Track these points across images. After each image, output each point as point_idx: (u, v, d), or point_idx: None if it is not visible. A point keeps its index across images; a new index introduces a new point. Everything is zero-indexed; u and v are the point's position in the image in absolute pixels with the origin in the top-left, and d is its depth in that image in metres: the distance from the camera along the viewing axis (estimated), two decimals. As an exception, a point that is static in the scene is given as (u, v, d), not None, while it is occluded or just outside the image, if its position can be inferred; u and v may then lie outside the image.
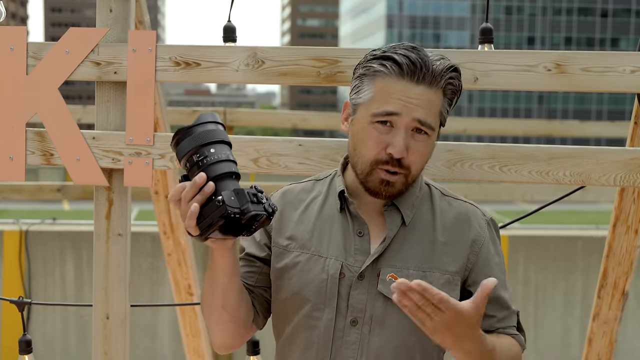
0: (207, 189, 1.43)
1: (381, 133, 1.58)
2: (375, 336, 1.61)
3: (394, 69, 1.57)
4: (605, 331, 2.69)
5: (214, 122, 1.50)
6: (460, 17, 72.37)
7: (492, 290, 1.66)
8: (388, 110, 1.57)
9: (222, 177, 1.45)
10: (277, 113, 7.03)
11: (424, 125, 1.58)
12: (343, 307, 1.62)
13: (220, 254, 1.55)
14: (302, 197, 1.73)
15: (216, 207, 1.41)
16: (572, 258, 5.74)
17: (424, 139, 1.60)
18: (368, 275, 1.62)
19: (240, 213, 1.41)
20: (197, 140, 1.47)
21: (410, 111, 1.56)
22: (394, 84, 1.57)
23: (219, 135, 1.49)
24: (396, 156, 1.56)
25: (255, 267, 1.72)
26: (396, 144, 1.56)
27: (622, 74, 1.98)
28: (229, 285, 1.59)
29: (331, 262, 1.63)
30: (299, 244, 1.67)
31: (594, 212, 14.00)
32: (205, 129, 1.48)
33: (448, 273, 1.64)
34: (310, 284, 1.63)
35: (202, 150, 1.46)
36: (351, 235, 1.65)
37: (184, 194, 1.45)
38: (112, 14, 2.13)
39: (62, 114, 2.12)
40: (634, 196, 2.44)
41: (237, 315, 1.64)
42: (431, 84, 1.58)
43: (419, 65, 1.56)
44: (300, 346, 1.65)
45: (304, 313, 1.64)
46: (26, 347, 2.33)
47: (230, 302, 1.61)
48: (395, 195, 1.62)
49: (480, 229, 1.69)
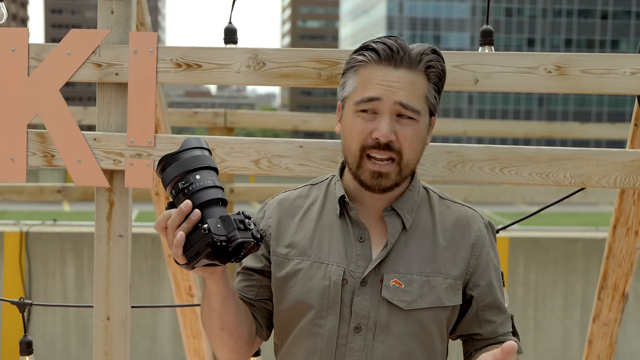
0: (193, 217, 1.42)
1: (366, 120, 1.57)
2: (380, 342, 1.60)
3: (372, 56, 1.58)
4: (606, 333, 2.69)
5: (200, 147, 1.48)
6: (461, 19, 72.38)
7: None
8: (370, 96, 1.56)
9: (208, 204, 1.43)
10: (278, 114, 7.03)
11: (407, 108, 1.56)
12: (346, 313, 1.60)
13: (211, 281, 1.54)
14: (299, 203, 1.72)
15: (202, 235, 1.40)
16: (572, 260, 5.74)
17: (410, 123, 1.58)
18: (371, 281, 1.61)
19: (227, 241, 1.40)
20: (183, 167, 1.45)
21: (391, 95, 1.56)
22: (375, 71, 1.58)
23: (205, 161, 1.47)
24: (382, 140, 1.55)
25: (254, 280, 1.71)
26: (381, 128, 1.55)
27: (623, 76, 1.98)
28: (225, 309, 1.59)
29: (333, 268, 1.62)
30: (299, 251, 1.66)
31: (594, 214, 14.00)
32: (191, 155, 1.46)
33: (450, 277, 1.63)
34: (313, 291, 1.62)
35: (188, 177, 1.44)
36: (352, 240, 1.63)
37: (170, 221, 1.44)
38: (113, 16, 2.14)
39: (64, 115, 2.12)
40: (634, 198, 2.44)
41: (237, 334, 1.63)
42: (411, 67, 1.57)
43: (395, 49, 1.57)
44: (303, 354, 1.63)
45: (307, 320, 1.62)
46: (27, 348, 2.33)
47: (228, 324, 1.61)
48: (390, 187, 1.60)
49: (480, 232, 1.68)
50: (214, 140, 2.13)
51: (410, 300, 1.59)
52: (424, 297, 1.60)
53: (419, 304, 1.60)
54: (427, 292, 1.60)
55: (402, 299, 1.59)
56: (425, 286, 1.60)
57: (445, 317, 1.63)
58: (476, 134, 6.69)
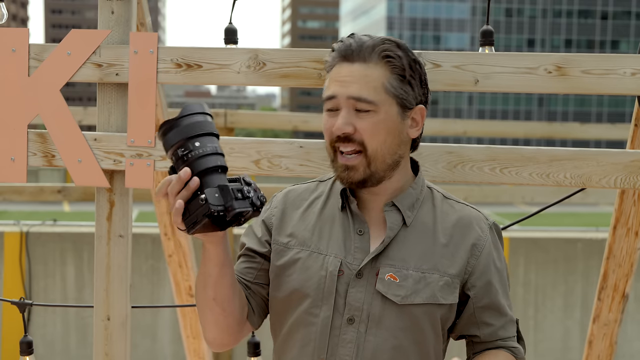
0: (192, 185, 1.43)
1: (330, 117, 1.63)
2: (372, 335, 1.61)
3: (334, 56, 1.64)
4: (606, 333, 2.69)
5: (201, 112, 1.47)
6: (461, 19, 72.40)
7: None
8: (327, 94, 1.63)
9: (207, 172, 1.43)
10: (278, 115, 7.03)
11: (361, 100, 1.59)
12: (341, 304, 1.62)
13: (211, 245, 1.55)
14: (305, 196, 1.74)
15: (200, 205, 1.40)
16: (572, 260, 5.74)
17: (368, 115, 1.60)
18: (367, 273, 1.62)
19: (224, 210, 1.40)
20: (183, 134, 1.44)
21: (344, 91, 1.60)
22: (335, 70, 1.63)
23: (206, 127, 1.45)
24: (335, 132, 1.60)
25: (255, 262, 1.72)
26: (336, 122, 1.61)
27: (623, 76, 1.98)
28: (221, 277, 1.59)
29: (330, 259, 1.64)
30: (299, 241, 1.68)
31: (594, 215, 14.00)
32: (192, 121, 1.44)
33: (447, 275, 1.63)
34: (310, 280, 1.64)
35: (187, 144, 1.43)
36: (351, 233, 1.65)
37: (169, 188, 1.46)
38: (113, 16, 2.14)
39: (64, 116, 2.12)
40: (634, 198, 2.44)
41: (229, 309, 1.63)
42: (366, 60, 1.60)
43: (350, 44, 1.62)
44: (298, 343, 1.65)
45: (303, 309, 1.64)
46: (27, 349, 2.34)
47: (222, 294, 1.61)
48: (361, 181, 1.62)
49: (482, 233, 1.68)
50: (214, 140, 2.13)
51: (404, 295, 1.60)
52: (418, 293, 1.61)
53: (412, 299, 1.60)
54: (422, 288, 1.61)
55: (396, 293, 1.60)
56: (421, 282, 1.61)
57: (440, 314, 1.63)
58: (476, 134, 6.69)
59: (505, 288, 1.70)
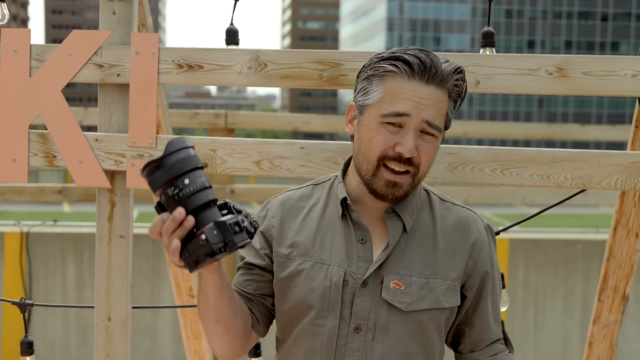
0: (187, 224, 1.41)
1: (390, 132, 1.58)
2: (379, 343, 1.61)
3: (404, 69, 1.57)
4: (606, 334, 2.69)
5: (184, 147, 1.45)
6: (461, 20, 72.41)
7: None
8: (398, 111, 1.57)
9: (200, 208, 1.42)
10: (278, 115, 7.03)
11: (432, 126, 1.58)
12: (346, 314, 1.62)
13: (206, 272, 1.55)
14: (302, 204, 1.73)
15: (200, 245, 1.40)
16: (572, 261, 5.74)
17: (431, 140, 1.60)
18: (371, 282, 1.62)
19: (225, 247, 1.41)
20: (170, 172, 1.42)
21: (420, 112, 1.57)
22: (405, 84, 1.57)
23: (192, 163, 1.44)
24: (406, 155, 1.56)
25: (254, 274, 1.72)
26: (406, 144, 1.56)
27: (623, 77, 1.99)
28: (220, 300, 1.59)
29: (334, 269, 1.63)
30: (301, 251, 1.67)
31: (594, 216, 14.00)
32: (177, 158, 1.42)
33: (449, 279, 1.65)
34: (314, 291, 1.63)
35: (176, 182, 1.41)
36: (353, 242, 1.65)
37: (164, 228, 1.43)
38: (115, 17, 2.14)
39: (65, 116, 2.13)
40: (634, 200, 2.44)
41: (232, 327, 1.64)
42: (440, 85, 1.58)
43: (428, 65, 1.57)
44: (303, 353, 1.65)
45: (308, 320, 1.64)
46: (28, 349, 2.34)
47: (223, 316, 1.61)
48: (402, 197, 1.62)
49: (479, 234, 1.70)
50: (216, 141, 2.13)
51: (409, 302, 1.61)
52: (423, 299, 1.62)
53: (418, 305, 1.61)
54: (427, 294, 1.62)
55: (401, 301, 1.61)
56: (425, 288, 1.62)
57: (443, 318, 1.66)
58: (476, 135, 6.70)
59: (496, 288, 1.73)
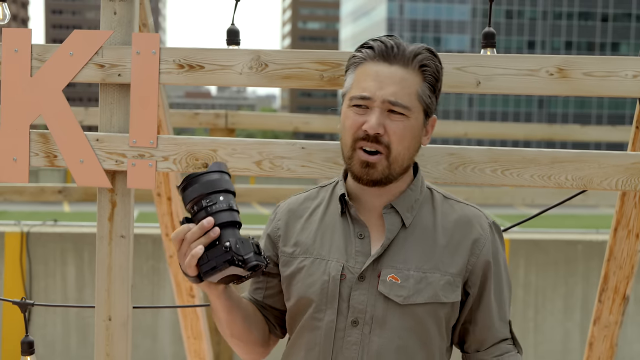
0: (213, 234, 1.53)
1: (358, 114, 1.63)
2: (376, 336, 1.63)
3: (368, 53, 1.64)
4: (606, 335, 2.69)
5: (225, 172, 1.60)
6: (461, 21, 72.41)
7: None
8: (361, 93, 1.62)
9: (227, 225, 1.54)
10: (279, 116, 7.03)
11: (396, 105, 1.61)
12: (344, 308, 1.64)
13: (214, 297, 1.64)
14: (307, 205, 1.77)
15: (222, 252, 1.51)
16: (572, 262, 5.74)
17: (400, 119, 1.62)
18: (369, 276, 1.64)
19: (243, 261, 1.51)
20: (209, 187, 1.56)
21: (381, 92, 1.61)
22: (370, 67, 1.64)
23: (227, 185, 1.58)
24: (370, 132, 1.60)
25: (261, 282, 1.79)
26: (369, 121, 1.60)
27: (624, 78, 1.99)
28: (231, 319, 1.68)
29: (332, 264, 1.66)
30: (302, 249, 1.71)
31: (594, 216, 14.00)
32: (217, 177, 1.58)
33: (449, 274, 1.65)
34: (313, 286, 1.66)
35: (212, 196, 1.55)
36: (352, 237, 1.67)
37: (189, 234, 1.53)
38: (116, 17, 2.14)
39: (66, 116, 2.13)
40: (635, 200, 2.44)
41: (247, 339, 1.74)
42: (404, 64, 1.62)
43: (390, 46, 1.63)
44: (304, 347, 1.68)
45: (308, 315, 1.67)
46: (28, 349, 2.34)
47: (237, 332, 1.71)
48: (379, 180, 1.64)
49: (482, 231, 1.70)
50: (216, 141, 2.13)
51: (406, 295, 1.62)
52: (420, 293, 1.63)
53: (415, 299, 1.63)
54: (424, 288, 1.63)
55: (398, 294, 1.62)
56: (422, 282, 1.63)
57: (443, 313, 1.66)
58: (476, 135, 6.70)
59: (501, 287, 1.72)
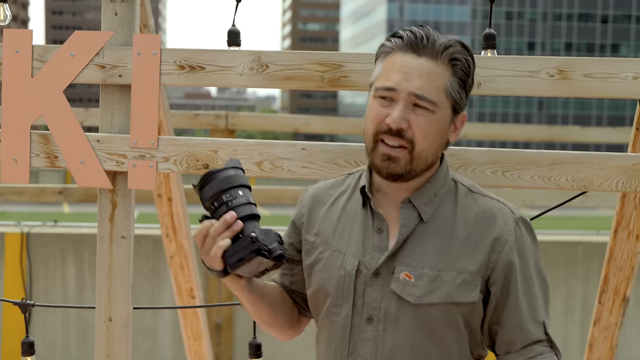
0: (236, 227, 1.55)
1: (382, 106, 1.59)
2: (390, 335, 1.60)
3: (397, 43, 1.59)
4: (606, 336, 2.69)
5: (240, 168, 1.64)
6: (461, 22, 72.41)
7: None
8: (386, 84, 1.58)
9: (248, 218, 1.58)
10: (279, 117, 7.04)
11: (422, 99, 1.56)
12: (359, 303, 1.62)
13: (237, 291, 1.67)
14: (331, 192, 1.76)
15: (248, 242, 1.55)
16: (572, 263, 5.74)
17: (425, 114, 1.57)
18: (384, 273, 1.61)
19: (269, 251, 1.55)
20: (227, 183, 1.60)
21: (407, 84, 1.56)
22: (398, 58, 1.59)
23: (244, 180, 1.63)
24: (392, 126, 1.55)
25: (287, 268, 1.81)
26: (392, 114, 1.56)
27: (625, 80, 1.99)
28: (256, 309, 1.72)
29: (349, 258, 1.64)
30: (322, 240, 1.71)
31: (594, 218, 13.98)
32: (236, 173, 1.62)
33: (466, 273, 1.58)
34: (331, 280, 1.66)
35: (231, 191, 1.59)
36: (371, 231, 1.64)
37: (212, 229, 1.55)
38: (117, 18, 2.14)
39: (67, 117, 2.13)
40: (635, 202, 2.44)
41: (275, 323, 1.78)
42: (434, 57, 1.57)
43: (419, 36, 1.57)
44: (325, 340, 1.69)
45: (326, 307, 1.68)
46: (29, 349, 2.34)
47: (264, 319, 1.76)
48: (400, 175, 1.59)
49: (505, 227, 1.61)
50: (217, 142, 2.13)
51: (419, 295, 1.57)
52: (434, 292, 1.57)
53: (428, 298, 1.57)
54: (438, 287, 1.57)
55: (411, 293, 1.58)
56: (437, 281, 1.57)
57: (459, 314, 1.59)
58: (477, 137, 6.71)
59: (532, 287, 1.62)
